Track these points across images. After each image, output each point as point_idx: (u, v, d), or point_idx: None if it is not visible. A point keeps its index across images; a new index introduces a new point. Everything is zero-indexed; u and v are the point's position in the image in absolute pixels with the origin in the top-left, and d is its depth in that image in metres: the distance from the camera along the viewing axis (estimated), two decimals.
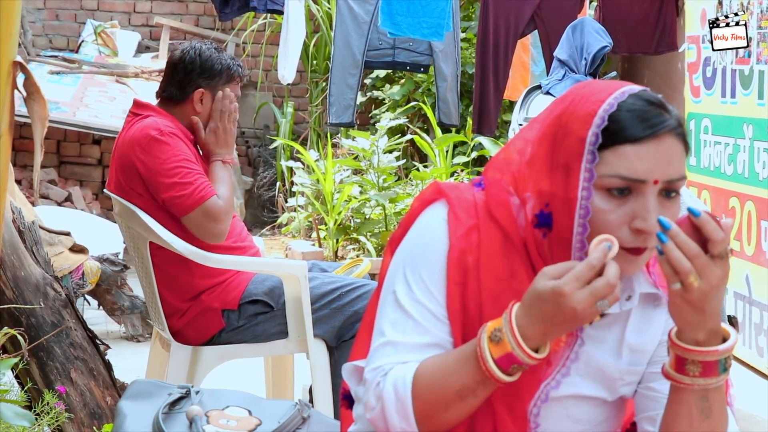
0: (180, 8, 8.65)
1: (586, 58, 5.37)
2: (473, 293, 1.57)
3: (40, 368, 2.91)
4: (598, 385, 1.62)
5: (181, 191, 3.09)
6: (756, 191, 4.46)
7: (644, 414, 1.63)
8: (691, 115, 5.10)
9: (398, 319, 1.57)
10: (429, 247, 1.59)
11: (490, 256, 1.58)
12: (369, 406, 1.55)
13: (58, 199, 7.50)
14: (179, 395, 1.97)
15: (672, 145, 1.52)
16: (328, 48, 7.80)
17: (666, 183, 1.51)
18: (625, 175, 1.49)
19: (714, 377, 1.49)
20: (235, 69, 3.29)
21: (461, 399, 1.50)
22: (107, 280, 4.95)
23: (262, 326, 3.21)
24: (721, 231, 1.43)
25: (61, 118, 7.20)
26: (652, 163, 1.50)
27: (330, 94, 5.96)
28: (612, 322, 1.61)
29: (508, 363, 1.47)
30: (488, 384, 1.49)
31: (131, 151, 3.15)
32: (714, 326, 1.47)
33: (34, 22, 8.37)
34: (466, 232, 1.58)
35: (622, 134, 1.50)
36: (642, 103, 1.53)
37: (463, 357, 1.50)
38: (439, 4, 5.71)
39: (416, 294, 1.58)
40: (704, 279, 1.42)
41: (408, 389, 1.51)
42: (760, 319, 4.43)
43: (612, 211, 1.51)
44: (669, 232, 1.43)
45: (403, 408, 1.51)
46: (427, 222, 1.62)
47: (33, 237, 3.07)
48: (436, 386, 1.51)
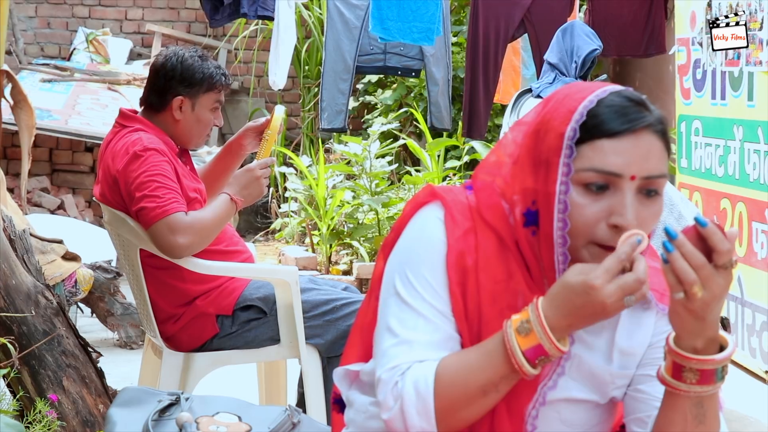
0: (171, 15, 8.66)
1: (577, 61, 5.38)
2: (472, 295, 1.58)
3: (32, 376, 2.91)
4: (590, 388, 1.62)
5: (148, 203, 3.03)
6: (747, 192, 4.47)
7: (634, 416, 1.63)
8: (682, 117, 5.11)
9: (407, 318, 1.57)
10: (428, 246, 1.60)
11: (487, 258, 1.58)
12: (386, 406, 1.54)
13: (51, 206, 7.50)
14: (169, 402, 1.97)
15: (650, 142, 1.53)
16: (319, 53, 7.80)
17: (644, 180, 1.52)
18: (600, 168, 1.51)
19: (710, 385, 1.49)
20: (217, 78, 3.25)
21: (484, 394, 1.51)
22: (100, 288, 4.94)
23: (255, 332, 3.21)
24: (727, 242, 1.42)
25: (53, 126, 7.20)
26: (629, 158, 1.51)
27: (322, 99, 5.96)
28: (602, 327, 1.61)
29: (536, 355, 1.48)
30: (511, 378, 1.50)
31: (114, 164, 3.14)
32: (713, 334, 1.47)
33: (25, 30, 8.37)
34: (463, 234, 1.59)
35: (599, 129, 1.52)
36: (622, 99, 1.54)
37: (486, 352, 1.51)
38: (429, 9, 5.72)
39: (420, 292, 1.58)
40: (708, 289, 1.42)
41: (430, 387, 1.51)
42: (753, 320, 4.44)
43: (589, 206, 1.52)
44: (675, 241, 1.42)
45: (424, 407, 1.51)
46: (423, 222, 1.62)
47: (24, 245, 3.07)
48: (459, 382, 1.51)
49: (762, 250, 4.37)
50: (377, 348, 1.60)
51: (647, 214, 1.53)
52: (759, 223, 4.39)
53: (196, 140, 3.32)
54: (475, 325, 1.57)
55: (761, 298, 4.38)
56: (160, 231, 3.02)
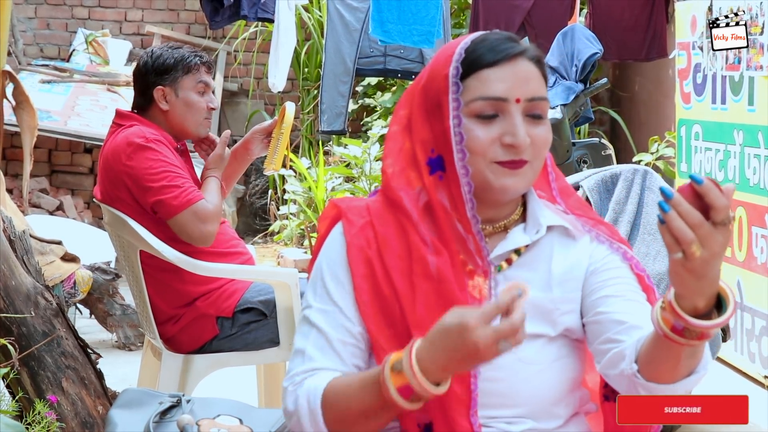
0: (171, 17, 8.65)
1: (577, 65, 5.38)
2: (384, 279, 1.66)
3: (31, 378, 2.90)
4: (536, 321, 1.66)
5: (169, 193, 3.07)
6: (747, 197, 4.47)
7: (601, 338, 1.66)
8: (682, 121, 5.12)
9: (304, 330, 1.68)
10: (329, 254, 1.71)
11: (387, 243, 1.68)
12: (287, 413, 1.63)
13: (50, 208, 7.49)
14: (170, 404, 1.96)
15: (527, 68, 1.66)
16: (319, 56, 7.80)
17: (528, 102, 1.64)
18: (486, 95, 1.64)
19: (708, 338, 1.51)
20: (190, 59, 3.25)
21: (366, 419, 1.57)
22: (99, 289, 4.94)
23: (254, 334, 3.20)
24: (724, 198, 1.40)
25: (52, 127, 7.20)
26: (510, 83, 1.64)
27: (321, 101, 5.96)
28: (535, 260, 1.70)
29: (408, 393, 1.51)
30: (390, 409, 1.54)
31: (117, 159, 3.14)
32: (714, 291, 1.46)
33: (25, 31, 8.37)
34: (360, 230, 1.69)
35: (479, 61, 1.65)
36: (495, 35, 1.69)
37: (367, 382, 1.56)
38: (429, 12, 5.72)
39: (317, 303, 1.68)
40: (706, 247, 1.40)
41: (318, 404, 1.59)
42: (752, 324, 4.44)
43: (483, 132, 1.64)
44: (671, 201, 1.41)
45: (314, 421, 1.59)
46: (327, 241, 1.73)
47: (24, 246, 3.06)
48: (342, 406, 1.58)
49: (762, 255, 4.37)
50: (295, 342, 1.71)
51: (535, 135, 1.64)
52: (759, 228, 4.39)
53: (194, 126, 3.30)
54: (394, 304, 1.65)
55: (761, 303, 4.38)
56: (187, 220, 3.07)
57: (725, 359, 4.61)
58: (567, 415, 1.71)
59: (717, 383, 4.31)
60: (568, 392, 1.70)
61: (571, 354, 1.70)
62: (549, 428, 1.68)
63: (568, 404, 1.70)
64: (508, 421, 1.65)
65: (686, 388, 1.58)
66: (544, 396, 1.66)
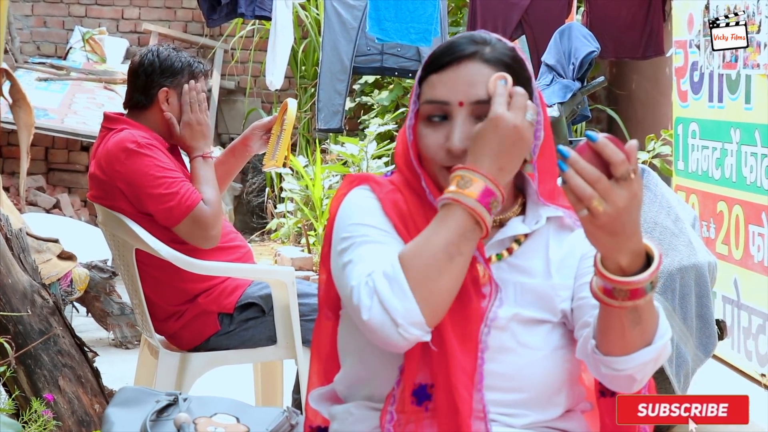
0: (168, 15, 8.64)
1: (574, 63, 5.38)
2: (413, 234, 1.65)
3: (28, 376, 2.90)
4: (538, 307, 1.69)
5: (167, 202, 3.07)
6: (743, 195, 4.47)
7: (580, 321, 1.69)
8: (679, 119, 5.12)
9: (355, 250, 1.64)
10: (361, 208, 1.70)
11: (416, 209, 1.70)
12: (364, 306, 1.57)
13: (47, 206, 7.48)
14: (167, 402, 1.96)
15: (476, 70, 1.66)
16: (316, 54, 7.80)
17: (473, 105, 1.65)
18: (430, 98, 1.68)
19: (642, 298, 1.51)
20: (196, 66, 3.27)
21: (449, 258, 1.56)
22: (96, 287, 4.93)
23: (251, 332, 3.20)
24: (621, 153, 1.43)
25: (49, 125, 7.19)
26: (453, 87, 1.66)
27: (318, 99, 5.96)
28: (535, 249, 1.72)
29: (487, 197, 1.57)
30: (469, 236, 1.57)
31: (110, 166, 3.13)
32: (635, 247, 1.48)
33: (21, 29, 8.36)
34: (390, 192, 1.71)
35: (430, 66, 1.70)
36: (460, 39, 1.71)
37: (438, 220, 1.59)
38: (426, 10, 5.72)
39: (359, 231, 1.66)
40: (609, 202, 1.43)
41: (397, 268, 1.56)
42: (749, 322, 4.44)
43: (430, 136, 1.68)
44: (568, 160, 1.44)
45: (398, 286, 1.55)
46: (348, 201, 1.72)
47: (20, 244, 3.06)
48: (422, 253, 1.57)
49: (758, 253, 4.37)
50: (341, 283, 1.65)
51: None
52: (755, 226, 4.39)
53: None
54: None
55: (757, 301, 4.38)
56: (188, 228, 3.09)
57: (722, 357, 4.62)
58: (566, 405, 1.72)
59: (714, 381, 4.32)
60: (567, 382, 1.71)
61: (571, 344, 1.72)
62: (548, 419, 1.70)
63: (568, 396, 1.72)
64: (511, 412, 1.67)
65: (644, 360, 1.59)
66: (546, 383, 1.68)
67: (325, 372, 1.80)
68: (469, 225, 1.57)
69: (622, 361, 1.59)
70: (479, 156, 1.58)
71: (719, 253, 4.60)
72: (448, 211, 1.57)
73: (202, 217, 3.08)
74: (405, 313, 1.54)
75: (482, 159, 1.58)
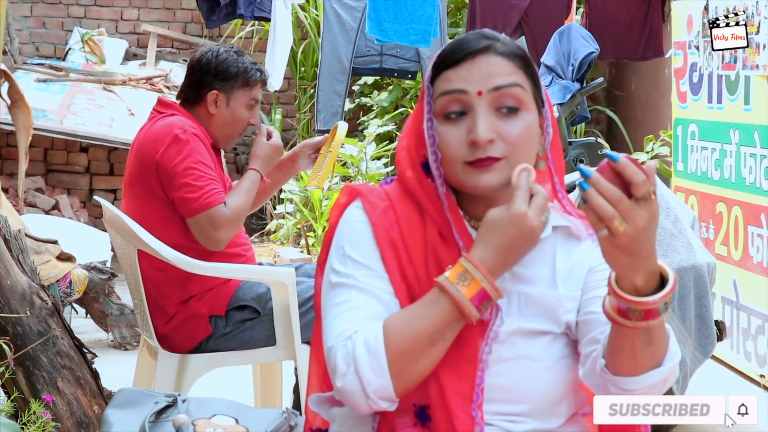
0: (167, 15, 8.64)
1: (573, 64, 5.38)
2: (407, 262, 1.66)
3: (27, 377, 2.90)
4: (542, 318, 1.68)
5: (189, 193, 3.09)
6: (743, 196, 4.47)
7: (588, 337, 1.68)
8: (678, 120, 5.12)
9: (341, 295, 1.64)
10: (353, 232, 1.69)
11: (410, 226, 1.68)
12: (339, 372, 1.58)
13: (46, 207, 7.48)
14: (166, 404, 1.96)
15: (493, 61, 1.65)
16: (315, 55, 7.79)
17: (493, 92, 1.63)
18: (446, 89, 1.65)
19: (655, 319, 1.52)
20: (252, 73, 3.27)
21: (432, 343, 1.57)
22: (95, 288, 4.93)
23: (250, 333, 3.20)
24: (642, 173, 1.44)
25: (48, 126, 7.18)
26: (469, 78, 1.64)
27: (318, 100, 5.96)
28: (540, 259, 1.70)
29: (481, 300, 1.57)
30: (455, 325, 1.58)
31: (152, 146, 3.15)
32: (650, 268, 1.49)
33: (20, 30, 8.36)
34: (383, 212, 1.69)
35: (443, 63, 1.67)
36: (470, 36, 1.70)
37: (429, 303, 1.59)
38: (426, 11, 5.72)
39: (353, 270, 1.65)
40: (630, 222, 1.43)
41: (380, 343, 1.57)
42: (748, 323, 4.44)
43: (451, 132, 1.65)
44: (590, 179, 1.45)
45: (378, 363, 1.57)
46: (344, 219, 1.72)
47: (19, 245, 3.05)
48: (408, 334, 1.57)
49: (758, 254, 4.37)
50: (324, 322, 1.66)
51: (508, 130, 1.63)
52: (755, 227, 4.39)
53: (229, 138, 3.31)
54: (416, 287, 1.66)
55: (757, 302, 4.38)
56: (201, 224, 3.10)
57: (721, 358, 4.62)
58: (567, 414, 1.71)
59: (713, 382, 4.32)
60: (570, 391, 1.70)
61: (573, 354, 1.71)
62: (550, 428, 1.69)
63: (570, 404, 1.71)
64: (511, 419, 1.66)
65: (654, 381, 1.59)
66: (548, 394, 1.67)
67: (325, 374, 1.79)
68: (457, 317, 1.58)
69: (631, 381, 1.59)
70: (487, 246, 1.58)
71: (718, 254, 4.60)
72: (440, 296, 1.58)
73: (216, 217, 3.09)
74: (378, 388, 1.57)
75: (489, 251, 1.57)
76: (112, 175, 7.65)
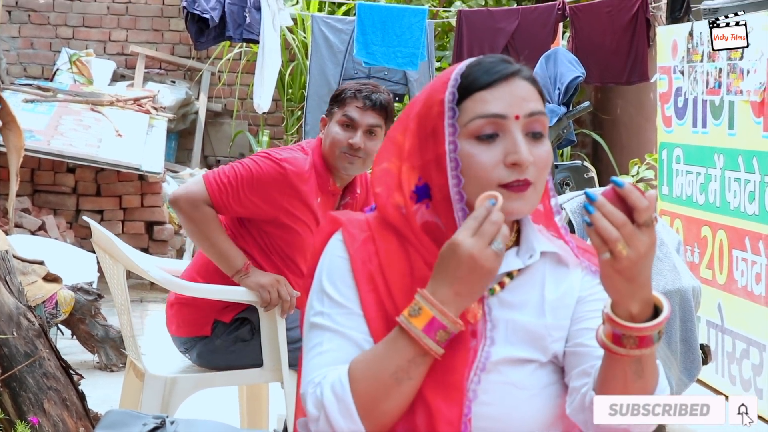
0: (156, 37, 8.67)
1: (560, 88, 5.42)
2: (386, 295, 1.64)
3: (13, 399, 2.89)
4: (529, 346, 1.67)
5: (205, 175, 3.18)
6: (727, 220, 4.50)
7: (577, 369, 1.67)
8: (663, 144, 5.15)
9: (315, 338, 1.64)
10: (331, 266, 1.67)
11: (389, 258, 1.66)
12: (312, 418, 1.59)
13: (32, 227, 7.46)
14: (154, 425, 1.96)
15: (524, 86, 1.64)
16: (303, 77, 7.82)
17: (527, 118, 1.62)
18: (483, 113, 1.61)
19: (649, 347, 1.53)
20: (347, 91, 3.22)
21: (398, 383, 1.56)
22: (81, 309, 4.92)
23: (236, 355, 3.20)
24: (645, 200, 1.47)
25: (35, 147, 7.17)
26: (508, 101, 1.61)
27: (305, 122, 5.98)
28: (528, 284, 1.69)
29: (433, 330, 1.54)
30: (419, 362, 1.56)
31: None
32: (646, 296, 1.51)
33: (8, 50, 8.36)
34: (362, 244, 1.67)
35: (474, 84, 1.63)
36: (490, 58, 1.67)
37: (390, 341, 1.57)
38: (413, 34, 5.75)
39: (329, 310, 1.64)
40: (632, 247, 1.46)
41: (346, 386, 1.56)
42: (733, 347, 4.46)
43: (484, 154, 1.61)
44: (595, 203, 1.47)
45: (345, 406, 1.56)
46: (326, 252, 1.70)
47: (6, 266, 3.05)
48: (371, 375, 1.56)
49: (742, 278, 4.40)
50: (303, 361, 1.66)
51: (537, 154, 1.61)
52: (739, 251, 4.42)
53: (333, 159, 3.21)
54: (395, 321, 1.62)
55: (742, 326, 4.40)
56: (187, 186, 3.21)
57: (706, 381, 4.63)
58: None
59: None
60: (558, 418, 1.70)
61: (560, 380, 1.71)
62: None
63: (557, 430, 1.71)
64: None
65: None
66: (535, 421, 1.66)
67: None
68: (418, 352, 1.55)
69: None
70: (437, 279, 1.56)
71: (703, 277, 4.63)
72: (400, 333, 1.56)
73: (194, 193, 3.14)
74: None
75: (440, 283, 1.56)
76: (99, 196, 7.64)
